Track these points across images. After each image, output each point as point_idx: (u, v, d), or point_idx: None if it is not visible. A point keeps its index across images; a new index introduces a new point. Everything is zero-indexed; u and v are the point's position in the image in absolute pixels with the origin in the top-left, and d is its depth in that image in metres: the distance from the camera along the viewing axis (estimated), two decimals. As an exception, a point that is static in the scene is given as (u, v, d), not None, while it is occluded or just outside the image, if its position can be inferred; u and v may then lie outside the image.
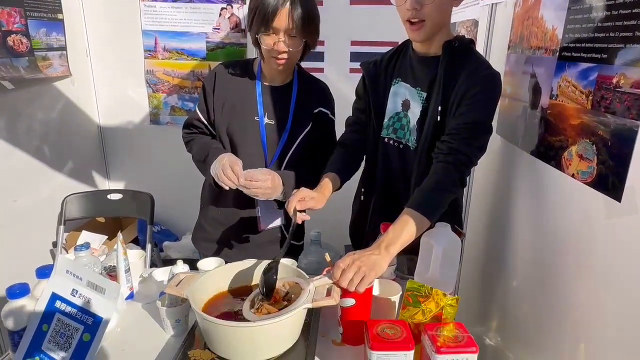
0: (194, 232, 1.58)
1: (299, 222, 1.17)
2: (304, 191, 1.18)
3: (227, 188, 1.27)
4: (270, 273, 1.00)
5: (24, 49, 1.95)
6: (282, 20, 1.20)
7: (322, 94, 1.44)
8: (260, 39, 1.25)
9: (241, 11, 2.37)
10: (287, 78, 1.40)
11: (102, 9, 2.40)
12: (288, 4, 1.19)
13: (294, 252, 1.55)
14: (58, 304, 0.90)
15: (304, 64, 1.44)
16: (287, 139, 1.38)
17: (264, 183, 1.25)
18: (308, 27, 1.23)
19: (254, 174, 1.26)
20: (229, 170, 1.25)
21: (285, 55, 1.26)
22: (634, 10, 0.78)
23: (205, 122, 1.42)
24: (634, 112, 0.76)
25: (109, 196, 2.08)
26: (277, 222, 1.46)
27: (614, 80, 0.82)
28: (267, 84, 1.39)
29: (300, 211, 1.16)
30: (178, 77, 2.50)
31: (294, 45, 1.24)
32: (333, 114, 1.45)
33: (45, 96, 2.19)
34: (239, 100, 1.38)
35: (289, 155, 1.40)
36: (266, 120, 1.38)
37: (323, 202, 1.20)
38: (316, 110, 1.41)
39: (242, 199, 1.35)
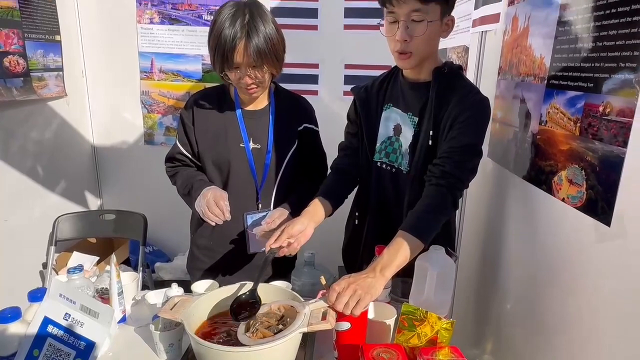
0: (188, 262, 1.57)
1: (280, 255, 1.17)
2: (291, 228, 1.16)
3: (213, 224, 1.27)
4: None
5: (20, 70, 1.97)
6: (241, 55, 1.20)
7: (303, 110, 1.45)
8: (226, 76, 1.27)
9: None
10: (266, 100, 1.42)
11: (99, 31, 2.43)
12: (244, 39, 1.19)
13: (286, 266, 1.54)
14: (50, 328, 0.89)
15: (296, 86, 1.47)
16: (271, 161, 1.39)
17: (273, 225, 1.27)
18: (267, 57, 1.23)
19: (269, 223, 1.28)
20: (214, 206, 1.25)
21: (253, 86, 1.28)
22: (617, 43, 0.82)
23: (188, 155, 1.43)
24: (620, 140, 0.79)
25: (101, 216, 2.07)
26: None
27: (600, 109, 0.85)
28: (247, 108, 1.40)
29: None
30: (173, 98, 2.52)
31: (259, 75, 1.26)
32: (316, 125, 1.48)
33: (40, 116, 2.19)
34: (222, 129, 1.38)
35: (279, 176, 1.41)
36: (252, 145, 1.39)
37: (310, 234, 1.20)
38: (301, 127, 1.43)
39: (231, 224, 1.34)
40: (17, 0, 1.93)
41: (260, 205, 1.43)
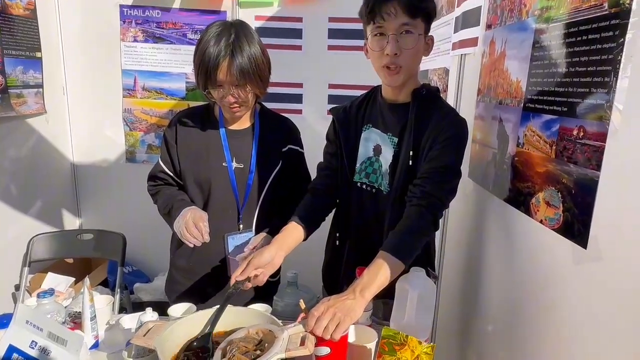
0: (167, 284, 1.53)
1: (247, 288, 1.16)
2: (258, 259, 1.15)
3: (191, 246, 1.25)
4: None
5: (-2, 87, 1.93)
6: (224, 73, 1.21)
7: (288, 131, 1.45)
8: (209, 94, 1.27)
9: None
10: (250, 120, 1.41)
11: (81, 48, 2.42)
12: (228, 57, 1.19)
13: (269, 289, 1.51)
14: (15, 357, 0.85)
15: (280, 105, 1.46)
16: (253, 181, 1.38)
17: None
18: (251, 77, 1.23)
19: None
20: (192, 228, 1.24)
21: (236, 105, 1.28)
22: (588, 68, 0.83)
23: (170, 174, 1.41)
24: (594, 163, 0.80)
25: (78, 236, 2.01)
26: None
27: (574, 132, 0.86)
28: (230, 128, 1.39)
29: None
30: (156, 116, 2.51)
31: (242, 94, 1.25)
32: (301, 147, 1.47)
33: (17, 133, 2.14)
34: (204, 148, 1.37)
35: (262, 197, 1.39)
36: (235, 164, 1.37)
37: (278, 264, 1.19)
38: (285, 149, 1.42)
39: (211, 246, 1.32)
40: (-3, 17, 1.92)
41: (241, 226, 1.41)
